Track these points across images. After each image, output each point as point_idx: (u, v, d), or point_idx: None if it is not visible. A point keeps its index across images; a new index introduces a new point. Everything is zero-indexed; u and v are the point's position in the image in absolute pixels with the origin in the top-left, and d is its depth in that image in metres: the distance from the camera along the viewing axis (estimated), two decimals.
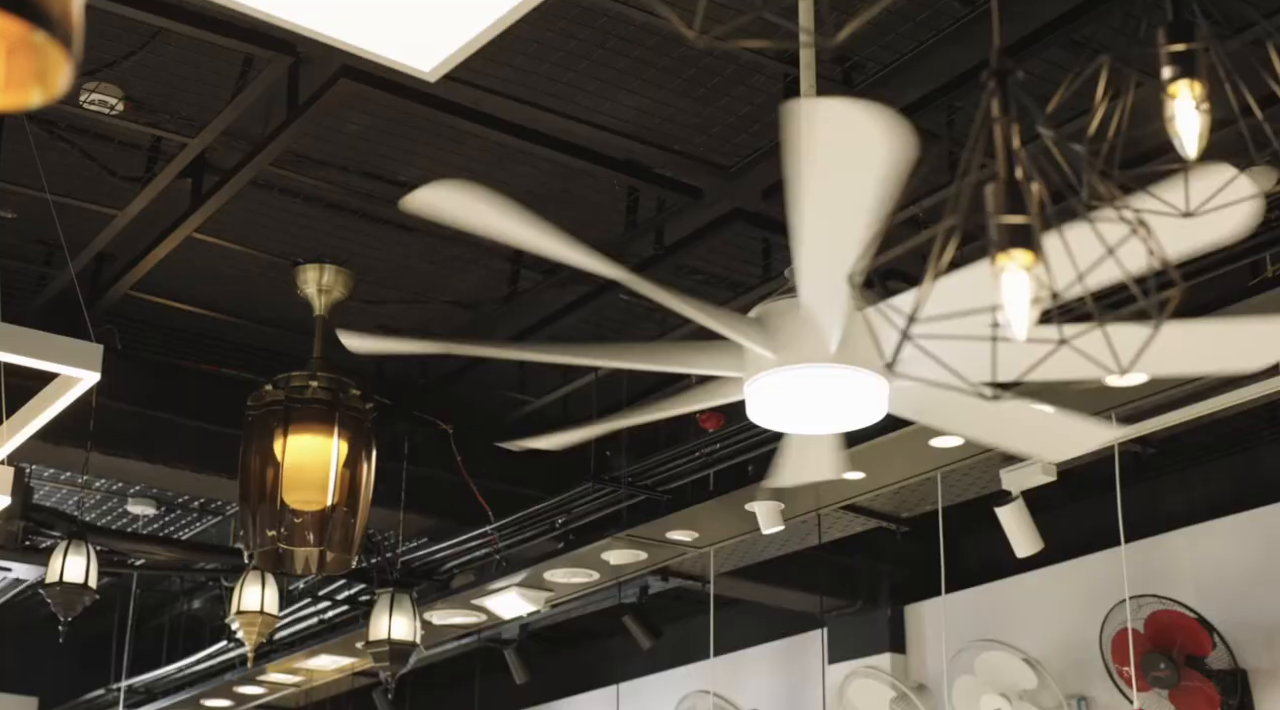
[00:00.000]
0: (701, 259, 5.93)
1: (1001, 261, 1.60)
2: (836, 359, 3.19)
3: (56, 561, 6.23)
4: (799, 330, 3.23)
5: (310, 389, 5.72)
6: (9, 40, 1.32)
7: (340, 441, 5.73)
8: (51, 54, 1.31)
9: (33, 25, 1.28)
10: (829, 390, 3.33)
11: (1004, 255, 1.59)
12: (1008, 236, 1.59)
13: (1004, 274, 1.59)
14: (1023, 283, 1.59)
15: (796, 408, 3.40)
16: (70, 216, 5.66)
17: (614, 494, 6.56)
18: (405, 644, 6.64)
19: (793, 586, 7.94)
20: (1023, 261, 1.59)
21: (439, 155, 5.42)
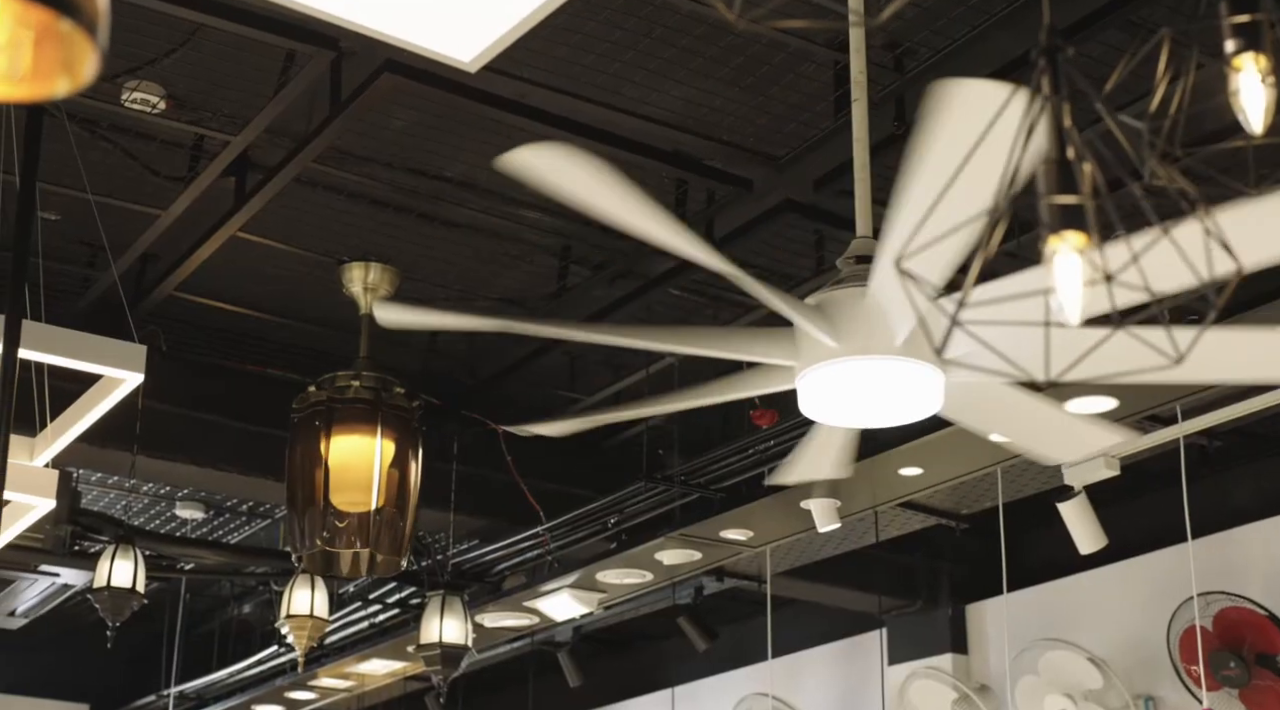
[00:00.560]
0: (752, 252, 5.90)
1: (1053, 244, 1.58)
2: (902, 351, 3.17)
3: (104, 566, 6.27)
4: (864, 320, 3.19)
5: (355, 389, 5.73)
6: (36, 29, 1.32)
7: (386, 441, 5.74)
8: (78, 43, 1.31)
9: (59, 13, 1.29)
10: (886, 383, 3.30)
11: (1056, 237, 1.57)
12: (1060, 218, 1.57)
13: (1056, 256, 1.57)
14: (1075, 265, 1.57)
15: (850, 400, 3.38)
16: (113, 217, 5.70)
17: (666, 493, 6.55)
18: (457, 647, 6.65)
19: (851, 586, 7.90)
20: (1075, 243, 1.57)
21: (484, 149, 5.42)
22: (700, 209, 5.68)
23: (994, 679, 7.65)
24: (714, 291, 6.19)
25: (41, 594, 7.68)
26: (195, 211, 5.67)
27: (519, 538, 7.12)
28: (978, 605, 7.93)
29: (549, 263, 6.17)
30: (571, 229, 5.93)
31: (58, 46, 1.32)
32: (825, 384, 3.35)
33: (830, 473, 3.76)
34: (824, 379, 3.34)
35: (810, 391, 3.39)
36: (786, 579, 7.71)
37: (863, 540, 7.16)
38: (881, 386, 3.30)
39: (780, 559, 7.40)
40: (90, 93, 5.08)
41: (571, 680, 8.67)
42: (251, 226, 5.70)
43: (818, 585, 7.91)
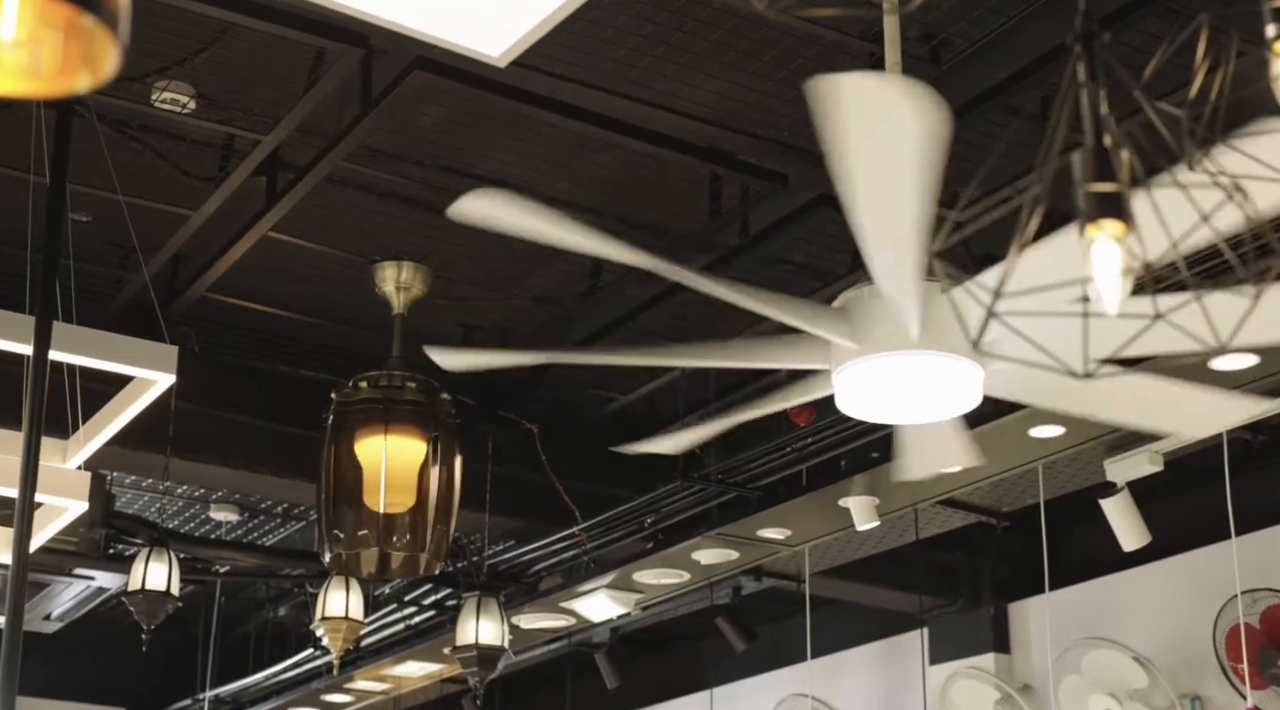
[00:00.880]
0: (788, 247, 5.90)
1: (1091, 232, 1.56)
2: (920, 345, 3.15)
3: (138, 569, 6.30)
4: (880, 318, 3.20)
5: (390, 388, 5.74)
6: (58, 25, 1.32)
7: (423, 441, 5.74)
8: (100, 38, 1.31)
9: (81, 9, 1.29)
10: (917, 377, 3.29)
11: (1093, 226, 1.55)
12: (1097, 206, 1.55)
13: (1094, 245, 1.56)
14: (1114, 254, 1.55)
15: (886, 397, 3.37)
16: (144, 218, 5.72)
17: (703, 492, 6.54)
18: (493, 648, 6.65)
19: (891, 585, 7.88)
20: (1113, 232, 1.56)
21: (516, 146, 5.42)
22: (735, 204, 5.67)
23: (1037, 679, 7.61)
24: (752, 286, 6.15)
25: (77, 597, 7.72)
26: (226, 212, 5.69)
27: (555, 538, 7.11)
28: (1020, 604, 7.89)
29: (582, 261, 6.16)
30: (603, 225, 5.89)
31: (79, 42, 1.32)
32: (857, 384, 3.35)
33: (958, 462, 3.73)
34: (855, 379, 3.34)
35: (845, 392, 3.39)
36: (825, 578, 7.69)
37: (902, 538, 7.14)
38: (912, 382, 3.29)
39: (819, 558, 7.38)
40: (120, 93, 5.10)
41: (609, 682, 8.67)
42: (283, 226, 5.71)
43: (857, 585, 7.89)
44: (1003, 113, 5.00)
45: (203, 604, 9.38)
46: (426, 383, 5.84)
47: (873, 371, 3.30)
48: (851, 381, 3.36)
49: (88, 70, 1.32)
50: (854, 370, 3.32)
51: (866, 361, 3.28)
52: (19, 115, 5.06)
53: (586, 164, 5.56)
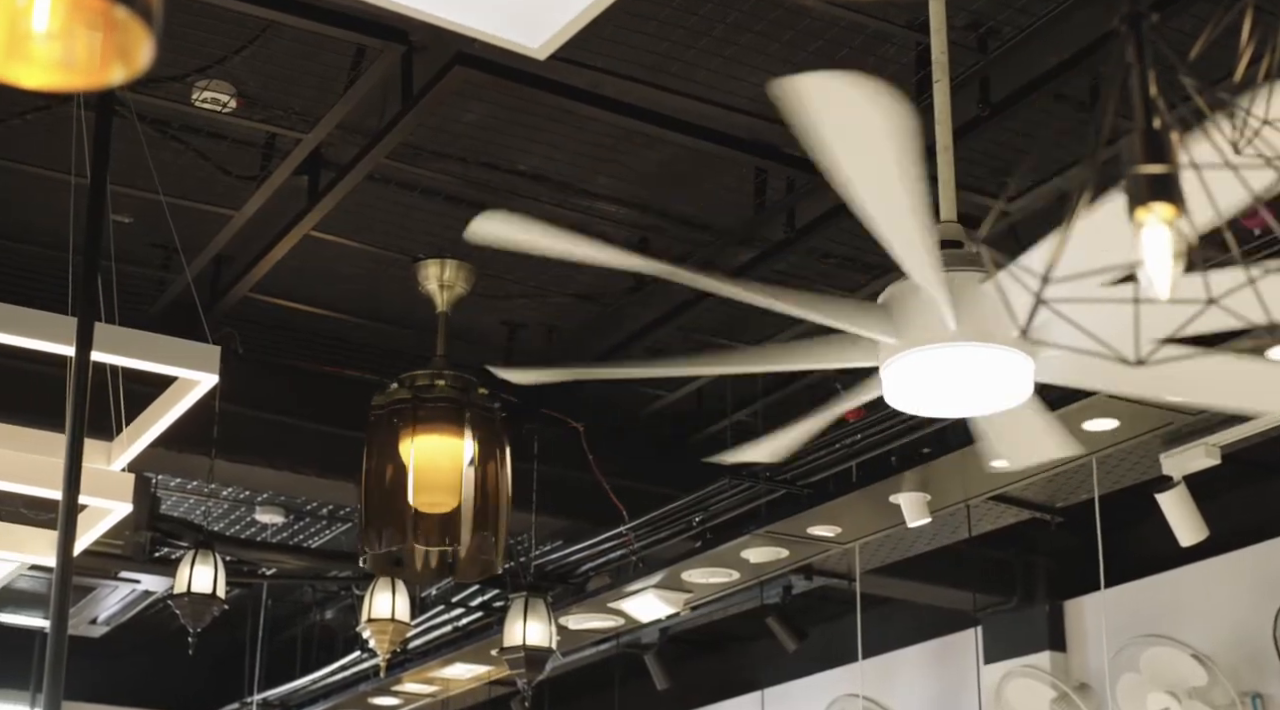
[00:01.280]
0: (834, 241, 5.88)
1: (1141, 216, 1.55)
2: (959, 336, 3.14)
3: (184, 572, 6.33)
4: (919, 311, 3.18)
5: (435, 387, 5.74)
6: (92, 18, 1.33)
7: (468, 441, 5.75)
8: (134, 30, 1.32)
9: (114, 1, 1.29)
10: (962, 370, 3.27)
11: (1143, 209, 1.54)
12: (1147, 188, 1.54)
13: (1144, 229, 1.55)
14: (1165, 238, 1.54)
15: (933, 391, 3.36)
16: (186, 218, 5.75)
17: (752, 489, 6.53)
18: (541, 650, 6.66)
19: (944, 583, 7.84)
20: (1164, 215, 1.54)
21: (559, 142, 5.43)
22: (780, 197, 5.66)
23: (1094, 677, 7.57)
24: (799, 280, 6.16)
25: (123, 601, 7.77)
26: (268, 211, 5.72)
27: (602, 538, 7.11)
28: (1076, 601, 7.85)
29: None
30: (648, 221, 5.93)
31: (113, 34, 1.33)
32: (904, 380, 3.33)
33: (1058, 451, 3.69)
34: (900, 375, 3.33)
35: (894, 389, 3.37)
36: (877, 576, 7.66)
37: (955, 535, 7.10)
38: (958, 374, 3.27)
39: (870, 556, 7.35)
40: (161, 92, 5.13)
41: (659, 683, 8.67)
42: (325, 225, 5.73)
43: (909, 583, 7.86)
44: (1051, 101, 4.97)
45: (249, 607, 9.42)
46: (467, 381, 5.84)
47: (916, 366, 3.28)
48: (897, 377, 3.34)
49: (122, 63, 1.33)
50: (898, 365, 3.31)
51: (908, 356, 3.26)
52: (59, 116, 5.10)
53: (629, 158, 5.56)
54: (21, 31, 1.29)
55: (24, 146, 5.43)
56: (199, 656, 10.68)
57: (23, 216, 5.90)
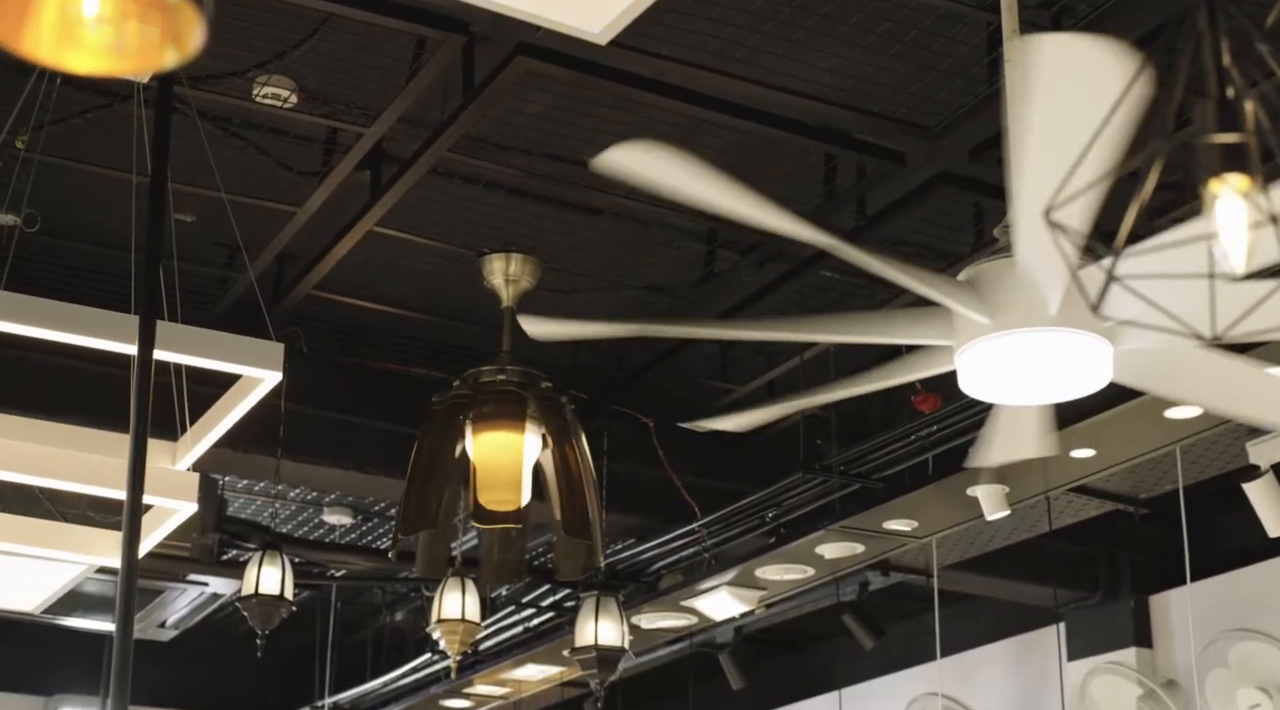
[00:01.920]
0: (907, 228, 5.85)
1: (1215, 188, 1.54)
2: (1057, 322, 3.11)
3: (251, 573, 6.38)
4: (1015, 292, 3.15)
5: (500, 383, 5.74)
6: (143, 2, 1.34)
7: (534, 436, 5.74)
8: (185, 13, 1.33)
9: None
10: (1047, 356, 3.25)
11: (1217, 180, 1.53)
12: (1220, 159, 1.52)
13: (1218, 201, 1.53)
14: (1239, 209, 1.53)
15: (1012, 376, 3.34)
16: (248, 216, 5.79)
17: (826, 484, 6.51)
18: (613, 649, 6.67)
19: (1024, 578, 7.79)
20: (1238, 186, 1.53)
21: (624, 132, 5.41)
22: (851, 185, 5.64)
23: (1181, 673, 7.50)
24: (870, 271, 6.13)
25: (191, 604, 7.85)
26: (330, 207, 5.75)
27: (674, 535, 7.11)
28: (1161, 596, 7.78)
29: (695, 248, 6.16)
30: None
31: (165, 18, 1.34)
32: (983, 361, 3.31)
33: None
34: (981, 356, 3.31)
35: (969, 370, 3.35)
36: (956, 572, 7.63)
37: (1035, 529, 7.06)
38: (1041, 360, 3.25)
39: (948, 551, 7.32)
40: (221, 88, 5.17)
41: (734, 683, 8.66)
42: (388, 221, 5.76)
43: (989, 578, 7.81)
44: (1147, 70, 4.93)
45: (319, 610, 9.49)
46: (533, 376, 5.83)
47: (1002, 349, 3.26)
48: (978, 359, 3.32)
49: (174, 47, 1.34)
50: (982, 347, 3.28)
51: (998, 338, 3.24)
52: (119, 114, 5.16)
53: (696, 147, 5.50)
54: (72, 17, 1.30)
55: (85, 146, 5.49)
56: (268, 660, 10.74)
57: (85, 217, 5.97)
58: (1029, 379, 3.32)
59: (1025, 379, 3.32)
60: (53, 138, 5.24)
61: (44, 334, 3.61)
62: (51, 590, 5.57)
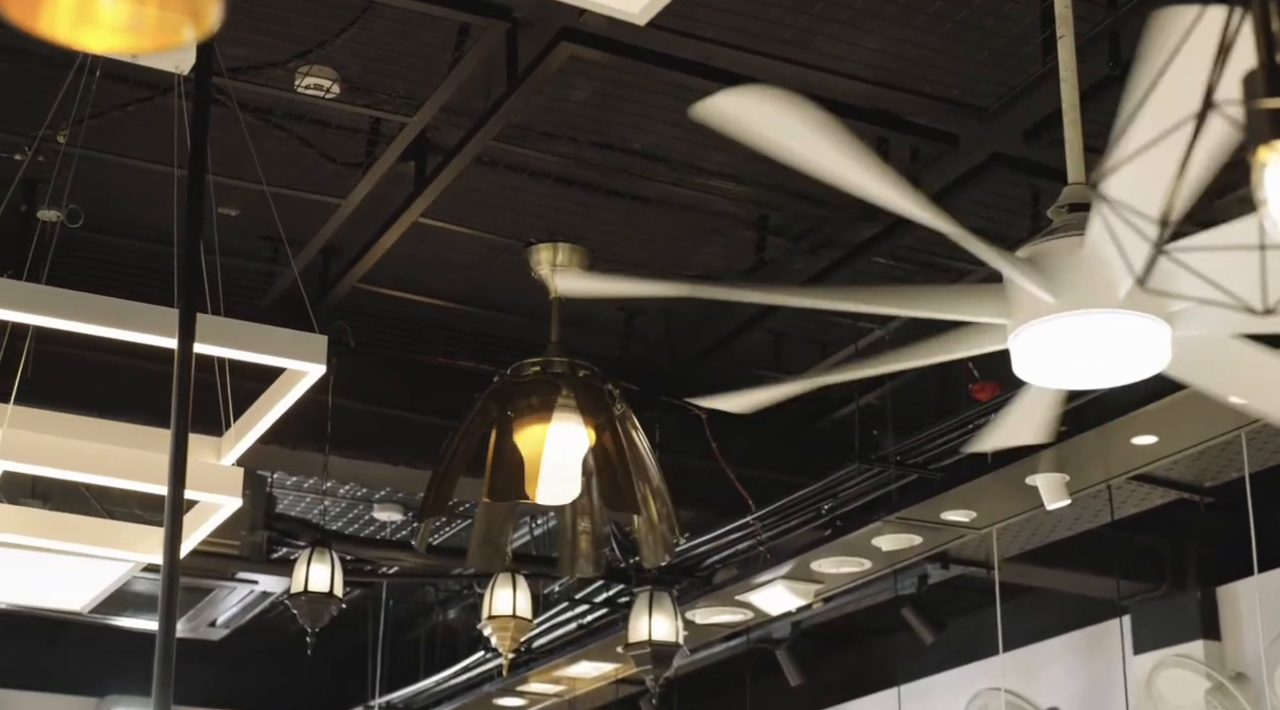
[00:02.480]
0: (962, 212, 5.77)
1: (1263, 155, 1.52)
2: (1125, 304, 3.08)
3: (300, 571, 6.41)
4: (1082, 271, 3.12)
5: (546, 374, 5.72)
6: None
7: (584, 428, 5.72)
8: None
9: None
10: (1106, 339, 3.22)
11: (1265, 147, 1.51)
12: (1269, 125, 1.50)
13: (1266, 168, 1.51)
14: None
15: (1067, 359, 3.31)
16: (292, 208, 5.81)
17: (882, 475, 6.49)
18: (667, 645, 6.67)
19: (1087, 570, 7.74)
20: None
21: (672, 117, 5.41)
22: (904, 168, 5.60)
23: (1250, 666, 7.43)
24: (923, 257, 6.11)
25: (241, 603, 7.89)
26: (375, 199, 5.77)
27: (729, 528, 7.10)
28: (1229, 587, 7.71)
29: (746, 235, 6.15)
30: (768, 198, 5.90)
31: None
32: (1040, 342, 3.28)
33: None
34: (1039, 337, 3.28)
35: (1024, 351, 3.33)
36: (1017, 564, 7.58)
37: (1097, 519, 7.00)
38: (1101, 343, 3.23)
39: (1009, 542, 7.28)
40: (262, 79, 5.19)
41: (792, 679, 8.64)
42: (433, 212, 5.77)
43: (1051, 570, 7.76)
44: None
45: (370, 609, 9.53)
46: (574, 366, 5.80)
47: (1062, 330, 3.22)
48: (1035, 339, 3.28)
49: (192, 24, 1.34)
50: (1042, 328, 3.24)
51: (1059, 319, 3.20)
52: (160, 107, 5.18)
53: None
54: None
55: (126, 140, 5.52)
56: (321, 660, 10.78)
57: (127, 212, 6.00)
58: (1084, 362, 3.29)
59: (1080, 362, 3.29)
60: (94, 132, 5.27)
61: (84, 328, 3.63)
62: (99, 589, 5.60)
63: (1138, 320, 3.15)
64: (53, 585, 5.79)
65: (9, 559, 5.41)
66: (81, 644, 10.29)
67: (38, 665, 10.79)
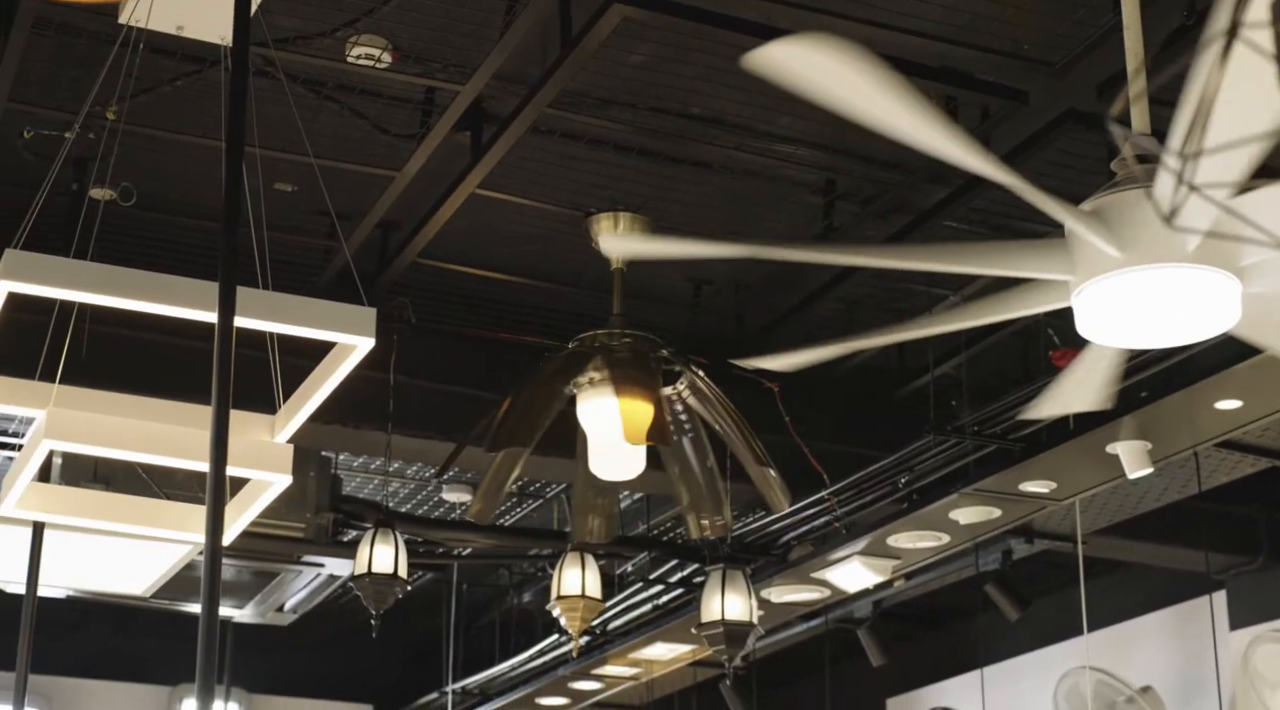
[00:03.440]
0: (1036, 172, 5.73)
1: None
2: (1195, 258, 3.03)
3: (364, 552, 6.43)
4: (1148, 225, 3.06)
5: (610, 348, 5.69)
6: None
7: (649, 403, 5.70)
8: None
9: None
10: (1174, 296, 3.17)
11: None
12: None
13: None
14: None
15: (1133, 317, 3.26)
16: (347, 182, 5.84)
17: (960, 446, 6.42)
18: (741, 625, 6.62)
19: (1178, 543, 7.63)
20: None
21: (732, 80, 5.38)
22: (974, 127, 5.54)
23: None
24: (996, 220, 6.06)
25: (309, 586, 7.93)
26: (430, 170, 5.77)
27: (803, 504, 7.06)
28: None
29: (812, 201, 6.11)
30: (835, 161, 5.86)
31: None
32: (1104, 299, 3.24)
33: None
34: (1103, 294, 3.23)
35: (1088, 309, 3.28)
36: (1104, 538, 7.50)
37: (1185, 490, 6.91)
38: (1168, 299, 3.17)
39: (1095, 516, 7.20)
40: (311, 50, 5.20)
41: (874, 659, 8.61)
42: (490, 182, 5.77)
43: (1140, 544, 7.67)
44: None
45: (444, 594, 9.56)
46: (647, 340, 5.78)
47: (1128, 286, 3.17)
48: (1099, 296, 3.23)
49: None
50: (1107, 283, 3.19)
51: (1125, 275, 3.15)
52: (209, 81, 5.21)
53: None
54: None
55: (175, 115, 5.55)
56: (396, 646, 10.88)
57: (178, 190, 6.03)
58: (1150, 320, 3.24)
59: (1146, 320, 3.24)
60: (143, 108, 5.30)
61: (123, 303, 3.63)
62: (160, 572, 5.64)
63: (1206, 275, 3.10)
64: (113, 569, 5.84)
65: (67, 543, 5.46)
66: (152, 632, 10.39)
67: (109, 654, 10.93)
